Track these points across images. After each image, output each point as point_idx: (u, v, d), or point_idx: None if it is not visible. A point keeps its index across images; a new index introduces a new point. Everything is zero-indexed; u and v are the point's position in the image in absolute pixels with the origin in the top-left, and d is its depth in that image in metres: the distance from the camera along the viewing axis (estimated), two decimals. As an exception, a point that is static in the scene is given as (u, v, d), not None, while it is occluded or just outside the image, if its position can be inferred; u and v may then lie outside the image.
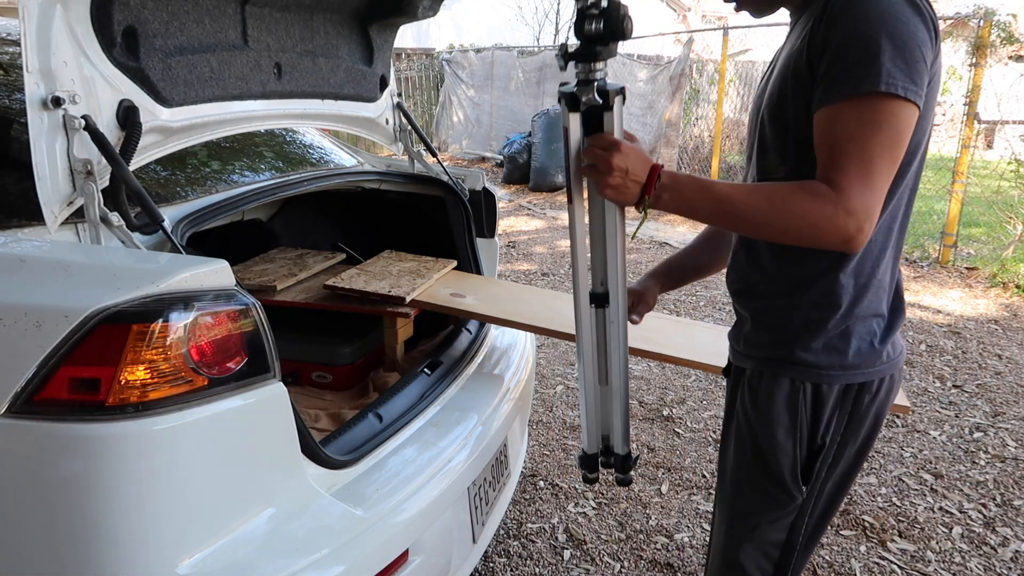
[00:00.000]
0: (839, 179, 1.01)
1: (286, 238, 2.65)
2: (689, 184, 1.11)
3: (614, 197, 1.13)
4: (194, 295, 1.13)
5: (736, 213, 1.08)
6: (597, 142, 1.13)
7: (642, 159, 1.11)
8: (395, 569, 1.43)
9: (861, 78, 0.99)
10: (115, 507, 1.08)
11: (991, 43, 5.63)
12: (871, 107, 0.99)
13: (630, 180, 1.10)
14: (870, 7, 1.00)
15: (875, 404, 1.21)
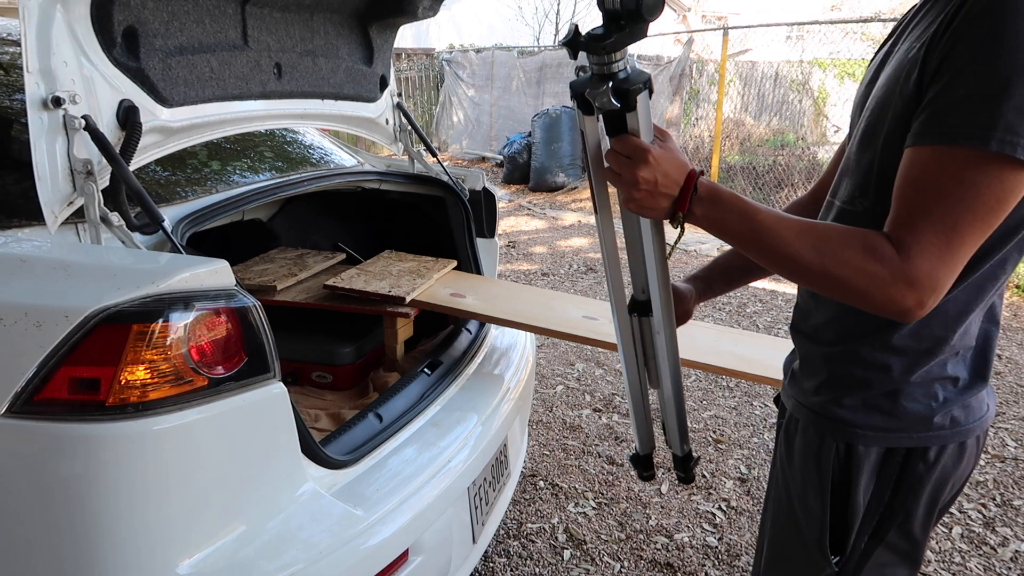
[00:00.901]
0: (909, 241, 0.81)
1: (286, 238, 2.65)
2: (730, 203, 0.92)
3: (639, 211, 0.96)
4: (194, 295, 1.13)
5: (775, 251, 0.90)
6: (621, 147, 0.94)
7: (675, 167, 0.92)
8: (395, 569, 1.43)
9: (971, 123, 0.78)
10: (115, 507, 1.08)
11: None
12: (974, 164, 0.78)
13: (660, 193, 0.92)
14: (1007, 26, 0.76)
15: (935, 473, 1.01)
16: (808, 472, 1.06)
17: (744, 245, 0.93)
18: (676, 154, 0.93)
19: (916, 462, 1.00)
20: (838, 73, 10.66)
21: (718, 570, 2.26)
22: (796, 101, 9.38)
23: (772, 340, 2.22)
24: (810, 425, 1.07)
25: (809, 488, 1.07)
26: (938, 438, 0.99)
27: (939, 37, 0.83)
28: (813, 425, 1.06)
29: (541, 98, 10.54)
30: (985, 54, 0.77)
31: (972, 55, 0.78)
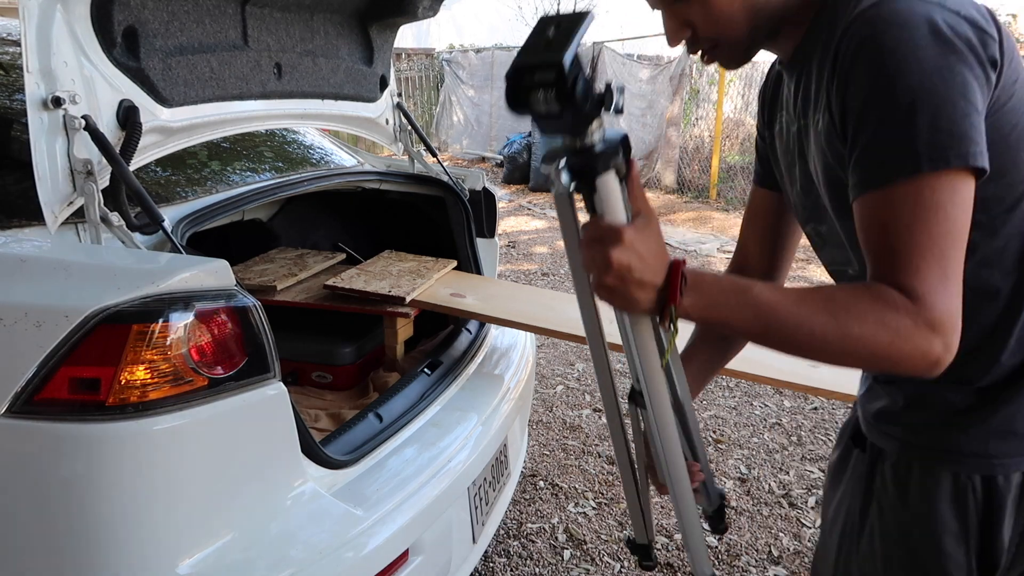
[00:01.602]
0: (915, 284, 0.77)
1: (286, 238, 2.65)
2: (717, 286, 0.83)
3: (611, 302, 0.84)
4: (194, 295, 1.13)
5: (783, 326, 0.80)
6: (591, 229, 0.81)
7: (654, 252, 0.81)
8: (395, 569, 1.43)
9: (901, 158, 0.77)
10: (115, 507, 1.08)
11: (991, 43, 5.63)
12: (921, 190, 0.77)
13: (635, 280, 0.79)
14: (886, 55, 0.77)
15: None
16: (944, 518, 0.94)
17: (748, 329, 0.83)
18: (655, 237, 0.83)
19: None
20: (838, 73, 10.64)
21: (718, 570, 2.26)
22: (796, 101, 9.36)
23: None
24: (934, 465, 0.95)
25: (945, 535, 0.94)
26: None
27: (831, 88, 0.83)
28: (938, 464, 0.94)
29: (541, 98, 10.53)
30: (879, 89, 0.78)
31: (869, 93, 0.79)
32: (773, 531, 2.44)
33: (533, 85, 0.72)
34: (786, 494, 2.65)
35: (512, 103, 0.74)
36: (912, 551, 0.97)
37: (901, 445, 0.98)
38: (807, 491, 2.66)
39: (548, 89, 0.71)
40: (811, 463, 2.86)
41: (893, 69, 0.77)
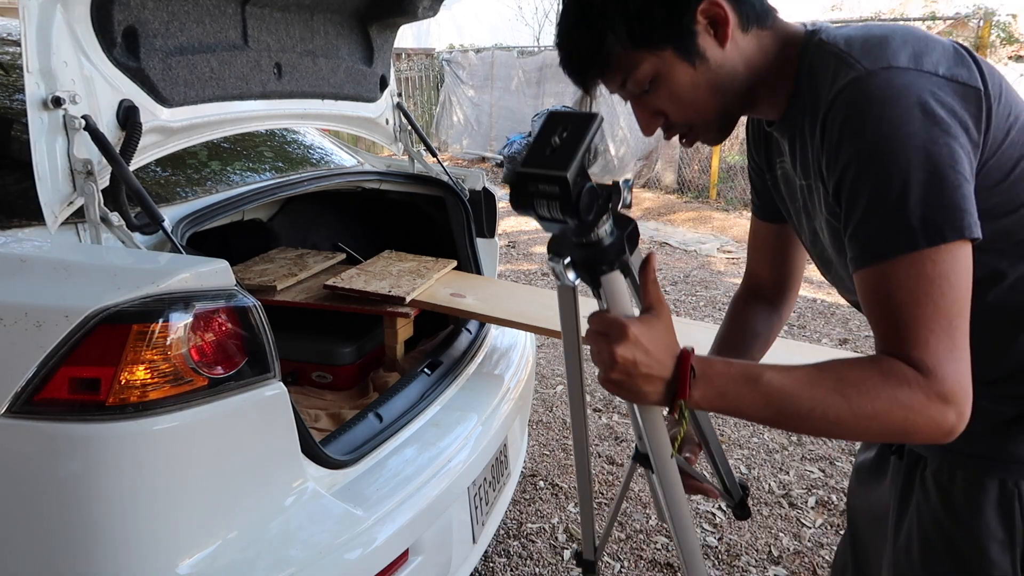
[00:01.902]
0: (925, 358, 0.77)
1: (286, 238, 2.65)
2: (727, 375, 0.82)
3: (618, 394, 0.83)
4: (194, 295, 1.13)
5: (796, 412, 0.80)
6: (595, 323, 0.82)
7: (661, 346, 0.80)
8: (395, 569, 1.43)
9: (897, 235, 0.77)
10: (115, 507, 1.08)
11: (991, 43, 5.64)
12: (922, 264, 0.77)
13: (641, 374, 0.79)
14: (872, 134, 0.78)
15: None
16: (991, 526, 0.93)
17: (762, 417, 0.82)
18: (663, 331, 0.81)
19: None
20: (838, 73, 10.64)
21: (718, 570, 2.26)
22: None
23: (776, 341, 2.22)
24: (981, 474, 0.94)
25: (992, 544, 0.93)
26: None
27: (825, 171, 0.84)
28: (986, 473, 0.94)
29: (541, 98, 10.54)
30: (869, 166, 0.78)
31: (858, 171, 0.79)
32: (773, 531, 2.44)
33: (538, 193, 0.72)
34: (786, 494, 2.65)
35: (516, 205, 0.75)
36: (957, 560, 0.96)
37: (944, 452, 0.96)
38: (807, 491, 2.66)
39: (552, 199, 0.71)
40: (811, 463, 2.86)
41: (881, 148, 0.77)
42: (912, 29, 0.85)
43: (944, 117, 0.77)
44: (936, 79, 0.79)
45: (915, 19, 11.98)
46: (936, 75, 0.79)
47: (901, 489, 1.05)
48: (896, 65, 0.80)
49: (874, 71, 0.80)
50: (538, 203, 0.73)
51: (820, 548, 2.34)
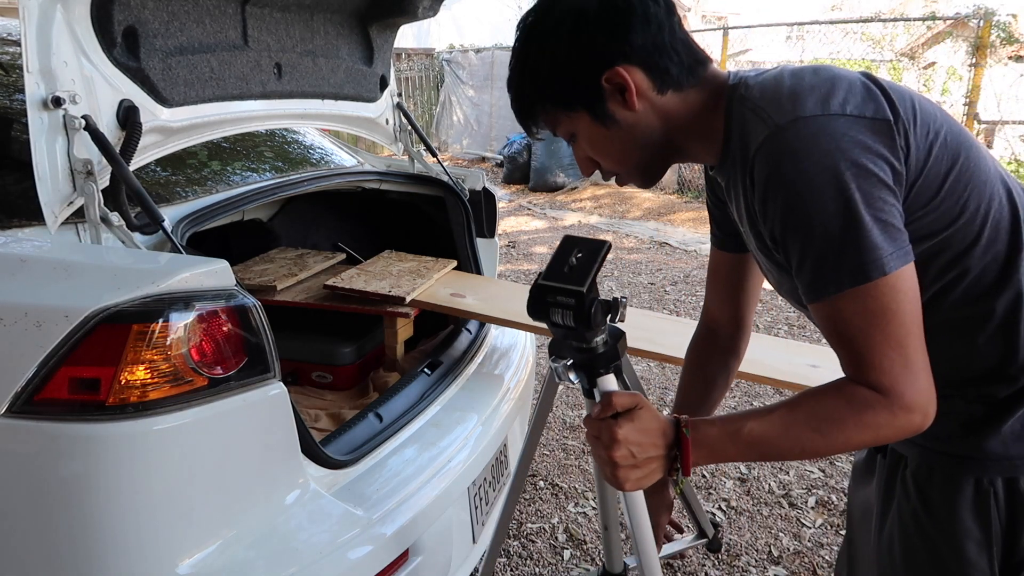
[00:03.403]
0: (882, 380, 0.84)
1: (286, 238, 2.65)
2: (714, 435, 0.90)
3: (626, 482, 0.90)
4: (194, 295, 1.13)
5: (778, 451, 0.90)
6: (589, 428, 0.92)
7: (648, 436, 0.90)
8: (395, 569, 1.43)
9: (828, 280, 0.84)
10: (115, 507, 1.08)
11: (991, 43, 5.64)
12: (859, 301, 0.83)
13: (639, 462, 0.90)
14: (790, 188, 0.83)
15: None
16: (966, 524, 0.94)
17: (748, 459, 0.95)
18: (648, 418, 0.90)
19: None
20: (838, 73, 10.64)
21: (718, 570, 2.26)
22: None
23: (772, 340, 2.22)
24: (954, 472, 0.96)
25: (968, 542, 0.94)
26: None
27: (757, 222, 0.91)
28: (961, 471, 0.95)
29: (541, 98, 10.53)
30: (793, 224, 0.84)
31: (788, 215, 0.84)
32: (773, 531, 2.44)
33: (555, 304, 0.88)
34: (786, 494, 2.65)
35: (532, 312, 0.91)
36: (935, 559, 0.98)
37: (922, 452, 0.99)
38: (807, 491, 2.66)
39: (568, 309, 0.87)
40: (811, 463, 2.86)
41: (799, 204, 0.83)
42: (821, 69, 0.90)
43: (856, 157, 0.82)
44: (844, 119, 0.83)
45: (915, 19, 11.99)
46: (844, 115, 0.84)
47: (884, 488, 1.07)
48: (804, 115, 0.84)
49: (783, 125, 0.84)
50: (553, 311, 0.89)
51: (820, 548, 2.34)
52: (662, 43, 0.93)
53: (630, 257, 6.14)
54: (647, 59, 0.93)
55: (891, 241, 0.82)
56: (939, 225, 0.87)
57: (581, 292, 0.86)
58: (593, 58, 0.92)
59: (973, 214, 0.88)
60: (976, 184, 0.89)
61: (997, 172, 0.92)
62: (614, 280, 5.47)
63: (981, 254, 0.89)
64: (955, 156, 0.88)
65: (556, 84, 0.95)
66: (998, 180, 0.92)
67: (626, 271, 5.71)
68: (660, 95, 0.95)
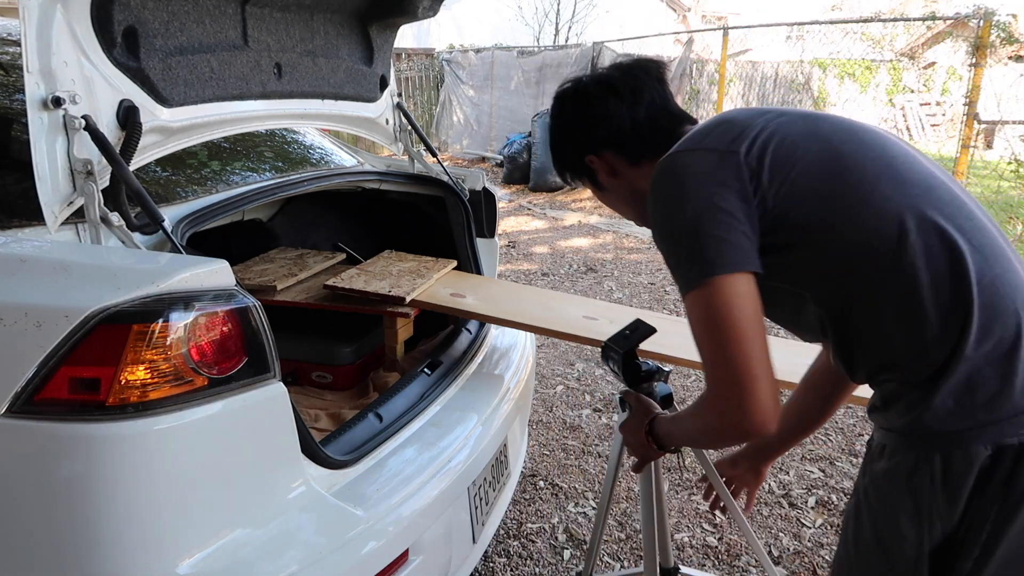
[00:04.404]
0: (709, 380, 1.00)
1: (286, 238, 2.65)
2: (665, 425, 1.25)
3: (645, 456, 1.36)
4: (194, 295, 1.13)
5: (688, 436, 1.20)
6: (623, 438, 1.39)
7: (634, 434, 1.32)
8: (395, 569, 1.43)
9: (679, 278, 1.02)
10: (115, 507, 1.08)
11: (991, 43, 5.63)
12: (698, 303, 0.98)
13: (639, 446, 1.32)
14: (653, 202, 1.05)
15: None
16: (901, 497, 1.00)
17: (687, 443, 1.28)
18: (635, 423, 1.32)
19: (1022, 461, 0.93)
20: (838, 73, 10.66)
21: (718, 570, 2.26)
22: (797, 101, 9.38)
23: (772, 340, 2.22)
24: (898, 446, 1.01)
25: (902, 514, 1.00)
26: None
27: None
28: (900, 445, 1.00)
29: (541, 98, 10.55)
30: (655, 232, 1.06)
31: (654, 236, 1.07)
32: (773, 531, 2.44)
33: (608, 357, 1.42)
34: (786, 494, 2.65)
35: (603, 358, 1.45)
36: (875, 530, 1.04)
37: (881, 433, 1.07)
38: (807, 491, 2.66)
39: (616, 361, 1.40)
40: (811, 463, 2.86)
41: (657, 213, 1.05)
42: (725, 119, 1.08)
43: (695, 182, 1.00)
44: (695, 152, 1.04)
45: (915, 19, 11.99)
46: (698, 149, 1.04)
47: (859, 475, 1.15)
48: (675, 151, 1.07)
49: (662, 159, 1.08)
50: (608, 360, 1.43)
51: (820, 548, 2.34)
52: (624, 129, 1.18)
53: (630, 257, 6.14)
54: (613, 144, 1.20)
55: (721, 253, 0.97)
56: (794, 238, 1.01)
57: (621, 352, 1.39)
58: (575, 148, 1.25)
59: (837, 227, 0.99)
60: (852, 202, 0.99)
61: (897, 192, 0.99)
62: (614, 280, 5.47)
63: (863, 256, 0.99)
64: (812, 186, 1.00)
65: (563, 162, 1.30)
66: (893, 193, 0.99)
67: (626, 271, 5.71)
68: (634, 166, 1.21)
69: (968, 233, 0.97)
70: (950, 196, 1.01)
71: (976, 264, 0.95)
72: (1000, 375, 0.94)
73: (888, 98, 11.82)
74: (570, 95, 1.24)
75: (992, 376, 0.94)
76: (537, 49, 12.17)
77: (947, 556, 0.99)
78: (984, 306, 0.94)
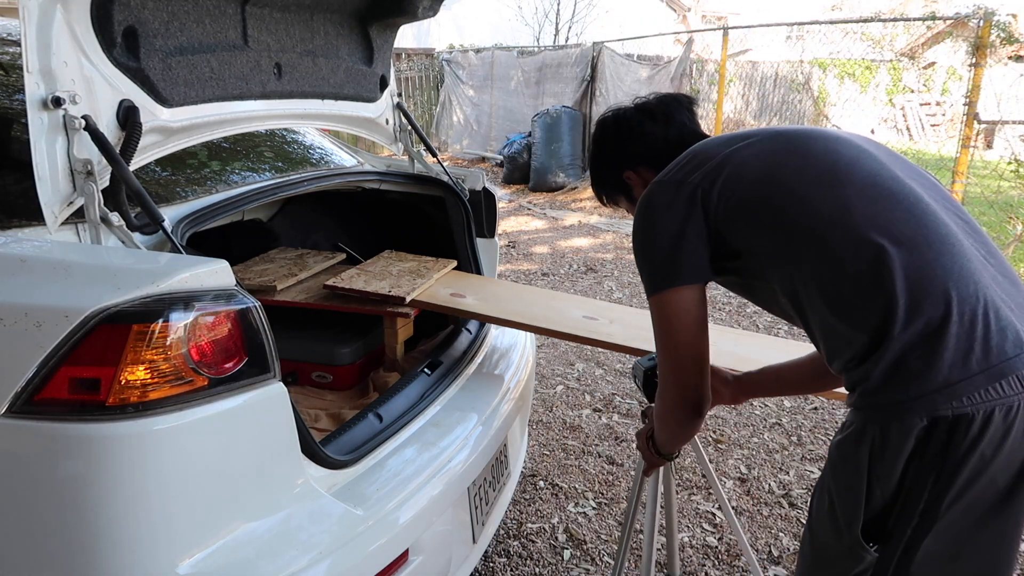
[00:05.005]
0: (660, 376, 1.26)
1: (286, 238, 2.65)
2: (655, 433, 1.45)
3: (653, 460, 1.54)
4: (194, 295, 1.13)
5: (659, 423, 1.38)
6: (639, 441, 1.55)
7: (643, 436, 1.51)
8: (395, 569, 1.43)
9: (645, 288, 1.23)
10: (115, 507, 1.08)
11: (991, 43, 5.63)
12: (654, 308, 1.21)
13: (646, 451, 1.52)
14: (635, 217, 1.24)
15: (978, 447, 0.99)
16: (848, 460, 1.08)
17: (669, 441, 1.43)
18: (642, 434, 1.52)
19: (959, 432, 0.98)
20: (838, 73, 10.66)
21: (718, 570, 2.26)
22: (796, 101, 9.38)
23: (772, 340, 2.22)
24: (851, 420, 1.10)
25: (846, 475, 1.09)
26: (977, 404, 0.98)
27: None
28: (853, 419, 1.10)
29: (541, 98, 10.54)
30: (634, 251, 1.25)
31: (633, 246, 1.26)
32: (773, 531, 2.44)
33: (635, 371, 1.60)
34: (786, 494, 2.65)
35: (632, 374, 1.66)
36: (828, 488, 1.14)
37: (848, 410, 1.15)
38: (807, 491, 2.66)
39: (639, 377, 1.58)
40: (811, 463, 2.86)
41: (634, 234, 1.24)
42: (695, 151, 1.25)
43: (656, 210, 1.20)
44: (662, 184, 1.22)
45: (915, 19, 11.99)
46: (664, 180, 1.22)
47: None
48: (653, 181, 1.25)
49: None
50: (634, 377, 1.61)
51: (820, 548, 2.34)
52: (655, 148, 1.36)
53: (630, 257, 6.14)
54: (647, 158, 1.37)
55: (670, 270, 1.18)
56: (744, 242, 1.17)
57: (643, 369, 1.57)
58: (613, 166, 1.43)
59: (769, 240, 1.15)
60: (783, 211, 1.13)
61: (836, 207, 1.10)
62: (614, 280, 5.47)
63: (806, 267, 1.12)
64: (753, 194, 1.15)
65: (602, 182, 1.48)
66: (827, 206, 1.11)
67: (626, 271, 5.71)
68: None
69: (895, 226, 1.07)
70: (888, 191, 1.11)
71: (901, 254, 1.04)
72: (930, 351, 1.01)
73: (888, 98, 11.81)
74: (611, 120, 1.43)
75: (922, 352, 1.01)
76: (537, 49, 12.16)
77: (885, 524, 1.05)
78: (909, 290, 1.03)
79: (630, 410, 3.33)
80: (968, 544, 1.05)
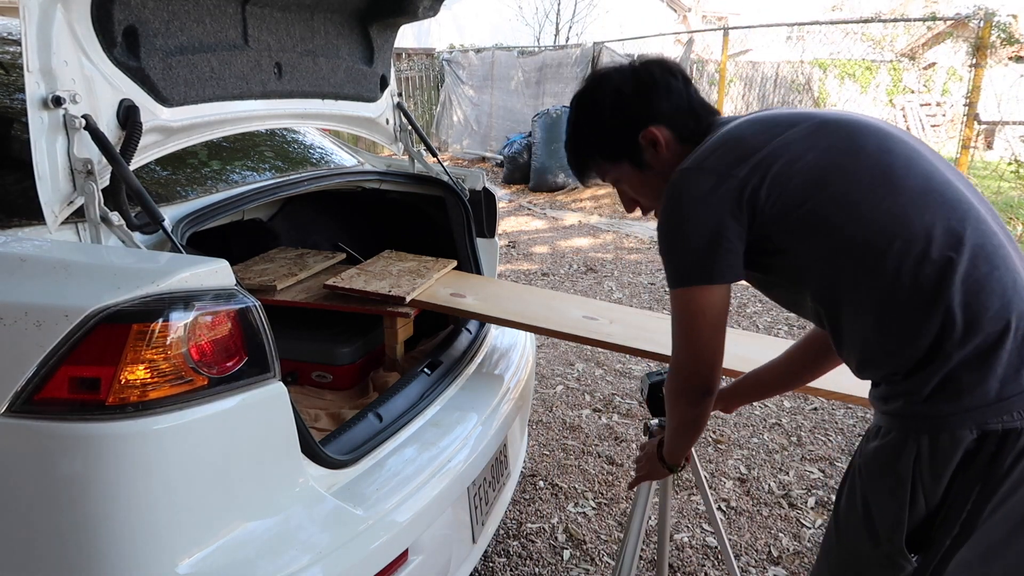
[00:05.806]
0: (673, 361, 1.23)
1: (286, 238, 2.65)
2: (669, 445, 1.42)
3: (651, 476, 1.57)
4: (194, 295, 1.13)
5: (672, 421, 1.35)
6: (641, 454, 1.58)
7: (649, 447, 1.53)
8: (395, 569, 1.43)
9: (668, 275, 1.18)
10: (115, 506, 1.08)
11: (991, 44, 5.63)
12: (678, 300, 1.17)
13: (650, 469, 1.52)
14: (663, 210, 1.17)
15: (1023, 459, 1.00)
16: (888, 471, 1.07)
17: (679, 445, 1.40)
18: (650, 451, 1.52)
19: (1007, 445, 1.00)
20: (839, 73, 10.66)
21: (717, 570, 2.26)
22: (797, 102, 9.38)
23: (771, 340, 2.22)
24: (891, 427, 1.09)
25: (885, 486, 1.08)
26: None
27: None
28: (895, 426, 1.08)
29: (541, 98, 10.54)
30: (659, 234, 1.18)
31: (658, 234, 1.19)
32: (773, 531, 2.44)
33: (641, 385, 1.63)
34: (786, 494, 2.65)
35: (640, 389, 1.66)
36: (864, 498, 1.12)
37: (877, 416, 1.15)
38: (807, 491, 2.66)
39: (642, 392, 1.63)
40: (811, 463, 2.86)
41: (661, 221, 1.18)
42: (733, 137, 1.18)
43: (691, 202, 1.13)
44: (697, 172, 1.14)
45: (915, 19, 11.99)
46: (699, 169, 1.14)
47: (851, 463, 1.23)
48: (684, 167, 1.17)
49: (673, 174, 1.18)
50: (640, 391, 1.64)
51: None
52: (681, 107, 1.26)
53: (630, 257, 6.14)
54: (670, 119, 1.26)
55: (701, 267, 1.13)
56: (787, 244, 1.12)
57: (648, 383, 1.61)
58: (631, 122, 1.26)
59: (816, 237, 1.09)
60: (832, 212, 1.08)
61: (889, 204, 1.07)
62: (614, 280, 5.47)
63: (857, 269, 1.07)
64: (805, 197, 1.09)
65: (604, 143, 1.30)
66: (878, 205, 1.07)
67: (626, 271, 5.71)
68: (681, 145, 1.26)
69: (959, 235, 1.03)
70: (943, 198, 1.06)
71: (959, 269, 1.02)
72: (983, 365, 1.01)
73: (888, 98, 11.82)
74: (630, 73, 1.28)
75: (977, 367, 1.01)
76: (537, 49, 12.16)
77: (927, 532, 1.06)
78: (967, 305, 1.01)
79: (630, 410, 3.33)
80: (1000, 551, 1.05)
